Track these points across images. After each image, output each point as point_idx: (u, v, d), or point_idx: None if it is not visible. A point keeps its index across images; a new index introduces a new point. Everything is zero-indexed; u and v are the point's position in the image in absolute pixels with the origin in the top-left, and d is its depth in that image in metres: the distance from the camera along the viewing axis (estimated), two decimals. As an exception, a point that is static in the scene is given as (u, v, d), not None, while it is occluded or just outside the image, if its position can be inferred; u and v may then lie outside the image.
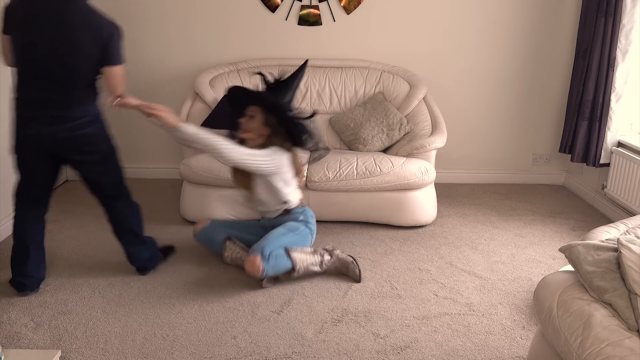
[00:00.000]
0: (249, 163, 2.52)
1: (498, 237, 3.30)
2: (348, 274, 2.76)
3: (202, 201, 3.30)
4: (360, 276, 2.72)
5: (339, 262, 2.76)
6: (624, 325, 1.54)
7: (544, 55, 4.06)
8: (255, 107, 2.60)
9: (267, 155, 2.57)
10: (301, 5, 3.91)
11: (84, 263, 2.85)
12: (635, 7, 3.36)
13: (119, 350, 2.17)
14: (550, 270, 2.86)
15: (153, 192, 3.93)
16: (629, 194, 3.39)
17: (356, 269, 2.73)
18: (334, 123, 3.73)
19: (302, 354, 2.17)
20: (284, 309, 2.48)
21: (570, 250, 1.79)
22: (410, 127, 3.56)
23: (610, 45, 3.46)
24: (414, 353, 2.19)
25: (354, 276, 2.74)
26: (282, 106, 2.57)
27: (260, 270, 2.54)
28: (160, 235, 3.20)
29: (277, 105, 2.57)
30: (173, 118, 2.41)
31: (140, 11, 3.92)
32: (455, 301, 2.58)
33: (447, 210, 3.69)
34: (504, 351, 2.22)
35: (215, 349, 2.18)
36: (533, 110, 4.20)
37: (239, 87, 2.68)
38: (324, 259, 2.72)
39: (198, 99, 3.70)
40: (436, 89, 4.03)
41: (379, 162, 3.25)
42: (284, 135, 2.62)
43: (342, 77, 3.85)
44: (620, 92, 3.50)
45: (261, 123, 2.60)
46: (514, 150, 4.29)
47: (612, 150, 3.58)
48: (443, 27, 3.98)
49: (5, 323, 2.33)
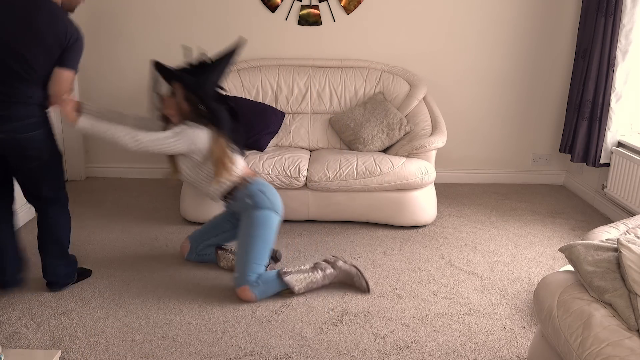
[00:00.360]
0: (156, 148, 2.44)
1: (498, 237, 3.30)
2: (354, 286, 2.67)
3: (202, 201, 3.30)
4: (368, 287, 2.63)
5: (343, 274, 2.66)
6: (624, 325, 1.54)
7: (544, 55, 4.06)
8: (176, 83, 2.53)
9: (174, 134, 2.45)
10: (301, 5, 3.91)
11: (84, 263, 2.85)
12: (635, 7, 3.36)
13: (119, 350, 2.17)
14: (550, 270, 2.86)
15: (153, 192, 3.93)
16: (629, 194, 3.39)
17: (362, 281, 2.63)
18: (334, 123, 3.73)
19: (302, 354, 2.17)
20: (284, 309, 2.48)
21: (570, 250, 1.79)
22: (410, 127, 3.56)
23: (610, 45, 3.46)
24: (414, 353, 2.19)
25: (360, 287, 2.64)
26: (199, 85, 2.49)
27: (253, 299, 2.51)
28: (160, 235, 3.21)
29: (194, 84, 2.48)
30: (71, 112, 2.34)
31: (140, 11, 3.92)
32: (455, 301, 2.58)
33: (447, 210, 3.69)
34: (504, 351, 2.22)
35: (215, 349, 2.18)
36: (533, 110, 4.20)
37: (158, 64, 2.57)
38: (325, 274, 2.62)
39: (198, 99, 3.69)
40: (436, 89, 4.03)
41: (379, 162, 3.25)
42: (205, 113, 2.52)
43: (342, 77, 3.85)
44: (620, 92, 3.50)
45: (181, 100, 2.52)
46: (514, 150, 4.29)
47: (612, 150, 3.58)
48: (443, 27, 3.99)
49: (5, 323, 2.33)
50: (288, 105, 3.80)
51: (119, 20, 3.94)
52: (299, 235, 3.22)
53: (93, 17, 3.92)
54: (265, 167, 3.21)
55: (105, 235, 3.20)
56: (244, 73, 3.82)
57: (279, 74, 3.82)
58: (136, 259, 2.92)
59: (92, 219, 3.40)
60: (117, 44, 3.99)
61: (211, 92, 2.56)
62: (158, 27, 3.94)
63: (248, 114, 3.50)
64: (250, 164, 3.22)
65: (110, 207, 3.64)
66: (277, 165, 3.23)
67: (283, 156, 3.32)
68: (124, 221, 3.40)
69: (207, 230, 2.90)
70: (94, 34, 3.96)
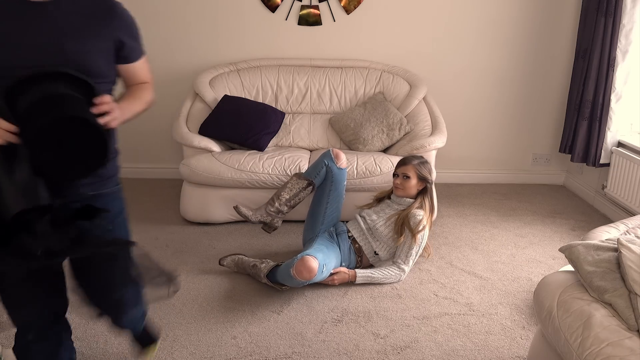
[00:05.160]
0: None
1: (498, 237, 3.30)
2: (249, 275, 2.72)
3: (202, 201, 3.30)
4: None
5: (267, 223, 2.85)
6: (624, 325, 1.54)
7: (543, 55, 4.06)
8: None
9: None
10: (301, 5, 3.91)
11: (84, 263, 2.85)
12: (635, 7, 3.36)
13: (119, 350, 2.17)
14: (550, 270, 2.86)
15: (153, 192, 3.93)
16: (629, 194, 3.39)
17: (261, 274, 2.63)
18: (334, 123, 3.73)
19: (302, 354, 2.17)
20: (284, 309, 2.48)
21: (570, 250, 1.79)
22: (410, 127, 3.57)
23: (610, 45, 3.46)
24: (414, 353, 2.19)
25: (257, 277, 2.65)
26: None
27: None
28: (160, 235, 3.21)
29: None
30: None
31: (140, 11, 3.91)
32: (455, 301, 2.58)
33: (447, 210, 3.69)
34: (504, 351, 2.22)
35: (215, 349, 2.18)
36: (533, 110, 4.20)
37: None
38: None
39: (198, 99, 3.70)
40: (436, 89, 4.03)
41: (379, 162, 3.26)
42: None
43: (342, 77, 3.85)
44: (620, 92, 3.50)
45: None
46: (513, 150, 4.29)
47: (612, 150, 3.58)
48: (443, 27, 3.99)
49: (5, 323, 2.33)
50: (288, 105, 3.80)
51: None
52: (299, 235, 3.22)
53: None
54: (265, 167, 3.21)
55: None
56: (244, 73, 3.83)
57: (279, 74, 3.82)
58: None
59: (92, 219, 3.40)
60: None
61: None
62: (158, 27, 3.94)
63: (248, 114, 3.50)
64: (250, 164, 3.22)
65: (110, 207, 3.63)
66: (277, 165, 3.23)
67: (283, 156, 3.32)
68: (124, 221, 3.39)
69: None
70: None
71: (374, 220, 2.78)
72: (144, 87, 1.69)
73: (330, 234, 2.85)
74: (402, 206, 2.79)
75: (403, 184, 2.78)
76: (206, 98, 3.66)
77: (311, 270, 2.40)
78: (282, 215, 2.88)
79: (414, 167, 2.78)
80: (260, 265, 2.65)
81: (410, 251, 2.70)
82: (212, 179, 3.21)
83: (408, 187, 2.78)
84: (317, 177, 2.86)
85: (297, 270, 2.40)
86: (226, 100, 3.57)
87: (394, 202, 2.82)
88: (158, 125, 4.12)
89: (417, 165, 2.78)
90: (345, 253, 2.76)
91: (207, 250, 3.02)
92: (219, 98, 3.63)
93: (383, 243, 2.75)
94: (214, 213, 3.31)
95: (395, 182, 2.82)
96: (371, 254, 2.78)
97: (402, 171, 2.80)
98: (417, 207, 2.74)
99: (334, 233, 2.85)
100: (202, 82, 3.73)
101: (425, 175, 2.78)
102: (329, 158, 2.86)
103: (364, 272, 2.66)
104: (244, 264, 2.73)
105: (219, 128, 3.44)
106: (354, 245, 2.79)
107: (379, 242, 2.76)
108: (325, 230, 2.87)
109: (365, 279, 2.66)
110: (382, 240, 2.75)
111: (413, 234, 2.67)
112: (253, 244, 3.12)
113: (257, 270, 2.64)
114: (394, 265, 2.72)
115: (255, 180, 3.20)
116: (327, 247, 2.67)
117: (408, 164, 2.79)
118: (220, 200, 3.28)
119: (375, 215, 2.81)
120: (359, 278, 2.65)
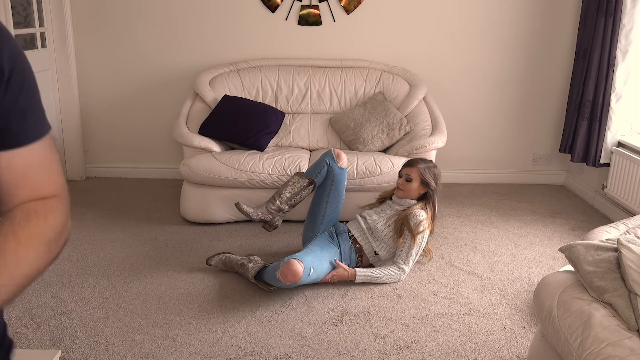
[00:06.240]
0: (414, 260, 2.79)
1: (498, 237, 3.30)
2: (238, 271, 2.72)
3: (202, 201, 3.30)
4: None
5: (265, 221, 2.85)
6: (624, 325, 1.54)
7: (544, 55, 4.06)
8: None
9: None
10: (301, 5, 3.91)
11: (84, 263, 2.85)
12: (635, 7, 3.36)
13: (119, 350, 2.17)
14: (550, 270, 2.86)
15: (153, 192, 3.93)
16: (629, 194, 3.39)
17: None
18: (334, 123, 3.73)
19: (302, 354, 2.17)
20: (284, 309, 2.48)
21: (570, 250, 1.79)
22: (410, 127, 3.56)
23: (610, 45, 3.46)
24: (414, 353, 2.19)
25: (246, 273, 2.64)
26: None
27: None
28: (160, 235, 3.21)
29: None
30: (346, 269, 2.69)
31: (140, 11, 3.92)
32: (455, 301, 2.58)
33: (447, 210, 3.69)
34: (504, 351, 2.21)
35: (215, 349, 2.18)
36: (533, 110, 4.20)
37: None
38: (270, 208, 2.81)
39: (198, 99, 3.70)
40: (436, 89, 4.03)
41: (379, 162, 3.25)
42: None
43: (342, 77, 3.85)
44: (620, 92, 3.50)
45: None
46: (514, 150, 4.29)
47: (612, 150, 3.58)
48: (443, 27, 3.99)
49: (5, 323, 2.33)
50: (288, 105, 3.80)
51: (119, 20, 3.94)
52: (299, 235, 3.22)
53: (93, 17, 3.92)
54: (265, 167, 3.21)
55: (105, 235, 3.20)
56: (244, 73, 3.83)
57: (279, 74, 3.82)
58: (136, 259, 2.92)
59: (92, 219, 3.40)
60: (117, 44, 3.99)
61: None
62: (158, 28, 3.94)
63: (248, 114, 3.50)
64: (250, 164, 3.22)
65: (110, 207, 3.64)
66: (277, 165, 3.23)
67: (283, 156, 3.32)
68: (124, 221, 3.40)
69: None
70: (94, 34, 3.96)
71: (375, 220, 2.78)
72: (38, 213, 0.80)
73: (330, 234, 2.85)
74: (402, 207, 2.79)
75: (405, 185, 2.78)
76: (206, 98, 3.66)
77: (295, 274, 2.39)
78: (283, 213, 2.88)
79: (418, 170, 2.77)
80: (248, 264, 2.65)
81: (410, 251, 2.70)
82: (212, 179, 3.21)
83: (409, 189, 2.78)
84: (318, 177, 2.86)
85: (283, 273, 2.41)
86: (226, 100, 3.57)
87: (395, 203, 2.82)
88: (158, 125, 4.13)
89: (422, 169, 2.77)
90: (346, 253, 2.76)
91: (207, 250, 3.02)
92: (219, 98, 3.63)
93: (383, 243, 2.75)
94: (214, 213, 3.31)
95: (397, 182, 2.82)
96: (371, 253, 2.78)
97: (405, 172, 2.80)
98: (418, 208, 2.74)
99: (334, 233, 2.85)
100: (202, 82, 3.73)
101: (429, 180, 2.76)
102: (330, 158, 2.86)
103: (364, 271, 2.66)
104: (231, 262, 2.73)
105: (219, 128, 3.44)
106: (354, 245, 2.79)
107: (379, 242, 2.76)
108: (325, 230, 2.87)
109: (365, 278, 2.66)
110: (383, 240, 2.75)
111: (412, 235, 2.67)
112: (253, 244, 3.12)
113: (245, 270, 2.65)
114: (394, 265, 2.72)
115: (255, 181, 3.20)
116: (322, 248, 2.67)
117: (413, 166, 2.79)
118: (220, 200, 3.28)
119: (376, 215, 2.81)
120: (358, 277, 2.65)
